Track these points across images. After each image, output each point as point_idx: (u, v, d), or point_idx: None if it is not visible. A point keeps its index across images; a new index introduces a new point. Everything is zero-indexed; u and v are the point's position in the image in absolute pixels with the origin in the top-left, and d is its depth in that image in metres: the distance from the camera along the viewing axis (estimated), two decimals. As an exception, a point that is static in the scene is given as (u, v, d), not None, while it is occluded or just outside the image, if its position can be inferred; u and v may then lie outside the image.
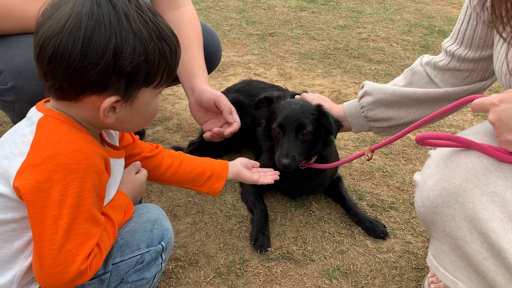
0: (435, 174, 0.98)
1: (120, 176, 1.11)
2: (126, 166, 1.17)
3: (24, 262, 0.94)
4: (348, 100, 2.49)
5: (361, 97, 1.48)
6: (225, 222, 1.60)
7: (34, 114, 0.94)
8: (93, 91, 0.88)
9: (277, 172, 1.50)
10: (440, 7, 4.39)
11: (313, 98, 1.60)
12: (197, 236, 1.53)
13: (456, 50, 1.27)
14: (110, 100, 0.89)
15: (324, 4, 4.40)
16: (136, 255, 1.06)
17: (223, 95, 1.54)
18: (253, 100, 1.91)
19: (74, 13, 0.84)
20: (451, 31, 1.32)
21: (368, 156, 1.41)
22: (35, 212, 0.86)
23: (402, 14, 4.14)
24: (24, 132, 0.92)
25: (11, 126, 2.05)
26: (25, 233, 0.91)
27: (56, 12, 0.86)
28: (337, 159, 1.71)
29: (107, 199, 1.03)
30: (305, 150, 1.54)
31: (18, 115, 1.39)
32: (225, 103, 1.50)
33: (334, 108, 1.58)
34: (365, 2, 4.53)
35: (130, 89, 0.91)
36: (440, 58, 1.34)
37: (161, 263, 1.13)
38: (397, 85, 1.43)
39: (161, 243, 1.11)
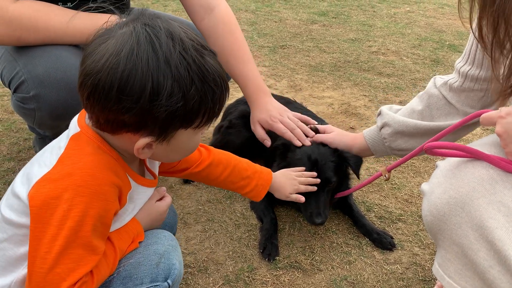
0: (443, 184, 1.00)
1: (141, 204, 1.08)
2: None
3: (22, 271, 0.94)
4: (357, 112, 2.52)
5: (382, 127, 1.49)
6: (234, 231, 1.62)
7: (73, 127, 0.95)
8: (129, 129, 0.88)
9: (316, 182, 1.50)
10: (450, 22, 4.41)
11: (331, 138, 1.58)
12: (206, 243, 1.55)
13: (469, 70, 1.29)
14: (144, 141, 0.89)
15: (335, 18, 4.44)
16: None
17: (273, 114, 1.59)
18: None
19: (114, 53, 0.82)
20: (462, 46, 1.34)
21: (386, 176, 1.42)
22: (37, 227, 0.86)
23: (412, 28, 4.17)
24: (61, 144, 0.93)
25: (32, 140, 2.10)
26: None
27: (100, 46, 0.85)
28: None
29: (119, 225, 1.01)
30: (331, 198, 1.59)
31: (37, 123, 1.44)
32: (278, 128, 1.58)
33: (356, 140, 1.57)
34: (375, 16, 4.57)
35: (166, 131, 0.89)
36: (454, 79, 1.35)
37: None
38: (415, 109, 1.43)
39: (168, 280, 1.03)
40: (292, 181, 1.44)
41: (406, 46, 3.65)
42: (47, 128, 1.49)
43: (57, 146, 0.94)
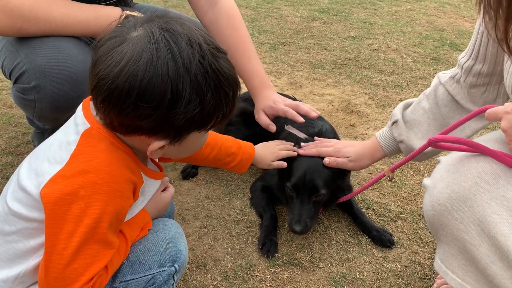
0: (445, 178, 0.99)
1: (149, 197, 1.10)
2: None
3: (32, 261, 0.95)
4: (358, 110, 2.52)
5: (399, 142, 1.46)
6: (233, 227, 1.62)
7: (82, 122, 0.94)
8: (143, 133, 0.88)
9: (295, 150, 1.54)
10: (452, 20, 4.40)
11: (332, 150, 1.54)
12: (205, 239, 1.55)
13: (473, 66, 1.28)
14: (158, 144, 0.90)
15: (336, 15, 4.43)
16: (147, 275, 1.04)
17: (276, 99, 1.60)
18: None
19: (132, 60, 0.81)
20: (463, 44, 1.33)
21: (389, 176, 1.41)
22: (53, 223, 0.87)
23: (413, 26, 4.15)
24: (69, 139, 0.93)
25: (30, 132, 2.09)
26: (42, 235, 0.91)
27: (114, 50, 0.83)
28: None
29: (129, 217, 1.03)
30: (318, 211, 1.54)
31: (37, 115, 1.42)
32: (281, 108, 1.57)
33: (365, 152, 1.52)
34: (376, 14, 4.55)
35: (181, 135, 0.91)
36: (459, 75, 1.34)
37: (173, 284, 1.11)
38: (425, 109, 1.41)
39: (175, 265, 1.07)
40: (272, 150, 1.51)
41: (407, 44, 3.64)
42: (47, 120, 1.48)
43: (65, 141, 0.93)
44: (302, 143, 1.56)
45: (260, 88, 1.65)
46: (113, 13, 1.41)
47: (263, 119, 1.63)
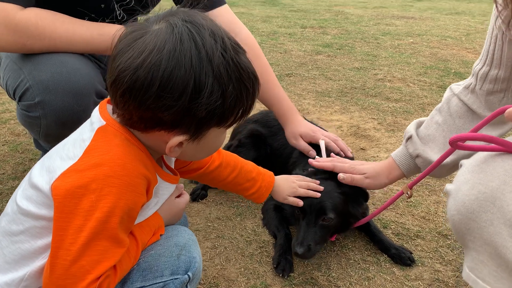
0: (470, 180, 0.94)
1: (163, 200, 1.07)
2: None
3: (38, 262, 0.90)
4: (367, 134, 2.49)
5: (415, 157, 1.42)
6: (246, 247, 1.55)
7: (97, 120, 0.92)
8: (163, 127, 0.86)
9: (318, 189, 1.44)
10: (455, 52, 4.45)
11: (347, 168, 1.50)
12: (216, 260, 1.48)
13: (488, 71, 1.25)
14: (178, 139, 0.87)
15: (340, 49, 4.50)
16: (158, 282, 0.98)
17: (313, 128, 1.69)
18: (271, 131, 1.91)
19: (155, 50, 0.80)
20: (467, 73, 1.32)
21: (407, 194, 1.36)
22: (62, 217, 0.83)
23: (417, 57, 4.20)
24: (84, 137, 0.90)
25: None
26: (50, 235, 0.87)
27: (135, 42, 0.82)
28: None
29: (141, 219, 0.99)
30: (325, 236, 1.44)
31: (43, 133, 1.39)
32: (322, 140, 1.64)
33: (382, 170, 1.48)
34: (380, 47, 4.62)
35: (201, 130, 0.88)
36: (473, 84, 1.31)
37: None
38: (438, 123, 1.38)
39: (188, 273, 1.01)
40: (291, 184, 1.44)
41: (412, 74, 3.66)
42: (53, 139, 1.45)
43: (80, 139, 0.91)
44: (317, 156, 1.51)
45: (290, 113, 1.72)
46: (117, 30, 1.41)
47: (304, 145, 1.68)
